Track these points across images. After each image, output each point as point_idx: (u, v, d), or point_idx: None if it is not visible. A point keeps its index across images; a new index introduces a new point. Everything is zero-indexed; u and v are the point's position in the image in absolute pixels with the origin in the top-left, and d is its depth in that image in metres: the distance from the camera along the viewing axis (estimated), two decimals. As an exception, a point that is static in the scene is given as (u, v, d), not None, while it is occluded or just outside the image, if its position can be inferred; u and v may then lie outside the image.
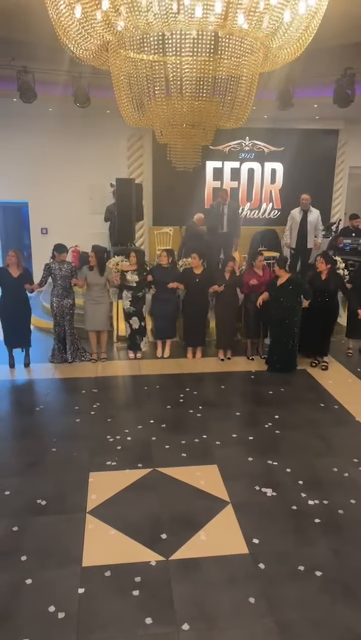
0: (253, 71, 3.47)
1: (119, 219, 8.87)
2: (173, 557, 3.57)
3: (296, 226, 8.96)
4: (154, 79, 3.38)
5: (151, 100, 3.48)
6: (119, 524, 3.90)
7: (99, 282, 7.04)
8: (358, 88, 6.89)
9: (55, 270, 6.97)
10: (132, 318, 7.33)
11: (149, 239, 10.96)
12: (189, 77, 3.26)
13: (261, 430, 5.38)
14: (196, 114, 3.45)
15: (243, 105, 3.58)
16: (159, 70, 3.34)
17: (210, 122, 3.63)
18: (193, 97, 3.33)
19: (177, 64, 3.30)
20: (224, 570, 3.47)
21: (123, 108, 3.79)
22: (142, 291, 7.31)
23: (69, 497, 4.23)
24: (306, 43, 3.29)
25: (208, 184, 10.88)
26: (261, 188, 11.07)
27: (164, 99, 3.40)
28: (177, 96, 3.34)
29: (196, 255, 7.36)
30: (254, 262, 7.26)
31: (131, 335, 7.40)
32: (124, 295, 7.28)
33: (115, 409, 5.88)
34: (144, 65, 3.46)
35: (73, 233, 10.46)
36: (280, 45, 3.24)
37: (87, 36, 3.22)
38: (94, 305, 7.08)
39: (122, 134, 10.52)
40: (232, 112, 3.55)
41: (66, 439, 5.17)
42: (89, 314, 7.14)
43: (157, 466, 4.68)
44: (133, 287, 7.22)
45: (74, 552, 3.62)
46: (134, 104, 3.64)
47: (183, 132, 3.65)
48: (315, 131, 10.73)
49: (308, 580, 3.39)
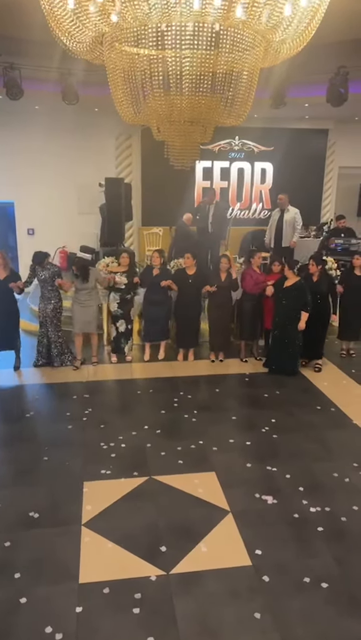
0: (254, 66, 3.35)
1: (108, 219, 8.71)
2: (174, 571, 3.43)
3: (273, 225, 8.97)
4: (152, 74, 3.24)
5: (148, 96, 3.34)
6: (116, 536, 3.75)
7: (85, 285, 6.85)
8: (351, 86, 6.82)
9: (38, 274, 6.76)
10: (119, 321, 7.13)
11: (139, 240, 10.80)
12: (189, 72, 3.13)
13: (258, 435, 5.27)
14: (195, 110, 3.32)
15: (243, 102, 3.46)
16: (157, 65, 3.20)
17: (210, 119, 3.51)
18: (193, 92, 3.20)
19: (177, 58, 3.17)
20: (227, 583, 3.34)
21: (119, 104, 3.65)
22: (130, 293, 7.12)
23: (63, 509, 4.07)
24: (309, 37, 3.18)
25: (198, 183, 10.75)
26: (251, 188, 10.99)
27: (162, 95, 3.27)
28: (176, 92, 3.20)
29: (190, 255, 7.21)
30: (252, 259, 7.14)
31: (116, 338, 7.21)
32: (112, 297, 7.10)
33: (108, 414, 5.72)
34: (141, 60, 3.32)
35: (61, 233, 10.28)
36: (282, 39, 3.13)
37: (82, 27, 3.07)
38: (81, 307, 6.90)
39: (111, 132, 10.35)
40: (232, 109, 3.44)
41: (58, 446, 5.00)
42: (76, 316, 6.95)
43: (154, 474, 4.54)
44: (121, 289, 7.04)
45: (70, 568, 3.46)
46: (130, 99, 3.49)
47: (181, 129, 3.52)
48: (304, 131, 10.68)
49: (314, 593, 3.29)
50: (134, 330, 7.78)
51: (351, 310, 7.37)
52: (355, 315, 7.46)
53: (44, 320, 6.87)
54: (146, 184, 10.61)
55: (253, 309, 7.15)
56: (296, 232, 8.78)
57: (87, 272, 6.81)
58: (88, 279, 6.80)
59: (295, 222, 8.72)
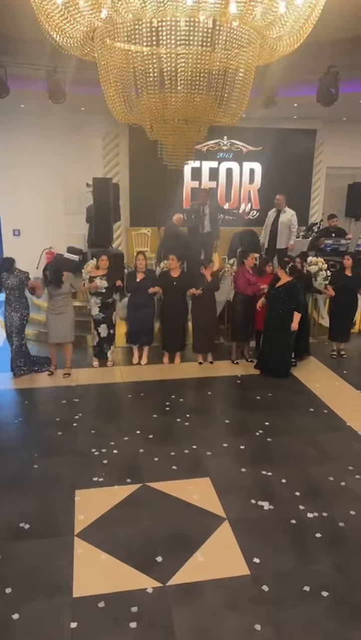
0: (250, 64, 3.27)
1: (96, 220, 8.57)
2: (171, 583, 3.34)
3: (269, 226, 8.95)
4: (146, 71, 3.14)
5: (142, 94, 3.23)
6: (111, 547, 3.65)
7: (61, 291, 6.51)
8: (341, 86, 6.78)
9: (4, 282, 6.41)
10: (100, 325, 6.92)
11: (127, 241, 10.67)
12: (184, 69, 3.03)
13: (252, 438, 5.20)
14: (190, 109, 3.23)
15: (239, 100, 3.38)
16: (151, 62, 3.10)
17: (205, 118, 3.42)
18: (188, 90, 3.11)
19: (171, 55, 3.07)
20: (226, 594, 3.26)
21: (111, 102, 3.54)
22: (112, 297, 6.94)
23: (54, 519, 3.96)
24: (306, 33, 3.11)
25: (186, 183, 10.64)
26: (240, 188, 10.92)
27: (156, 93, 3.17)
28: (171, 89, 3.11)
29: (174, 257, 7.10)
30: (245, 260, 7.07)
31: (98, 343, 7.00)
32: (93, 301, 6.87)
33: (98, 419, 5.61)
34: (134, 57, 3.21)
35: (47, 234, 10.10)
36: (279, 36, 3.05)
37: (73, 22, 2.96)
38: (55, 315, 6.56)
39: (98, 132, 10.19)
40: (228, 107, 3.35)
41: (48, 453, 4.87)
42: (51, 325, 6.62)
43: (147, 481, 4.44)
44: (102, 292, 6.81)
45: (64, 581, 3.35)
46: (123, 97, 3.38)
47: (175, 128, 3.42)
48: (292, 131, 10.64)
49: (315, 602, 3.22)
50: (119, 334, 7.66)
51: (342, 311, 7.35)
52: (346, 316, 7.46)
53: (10, 330, 6.53)
54: (134, 184, 10.47)
55: (244, 311, 7.08)
56: (292, 234, 8.74)
57: (60, 277, 6.47)
58: (61, 284, 6.47)
59: (291, 223, 8.67)
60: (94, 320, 6.97)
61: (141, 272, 7.03)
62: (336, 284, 7.28)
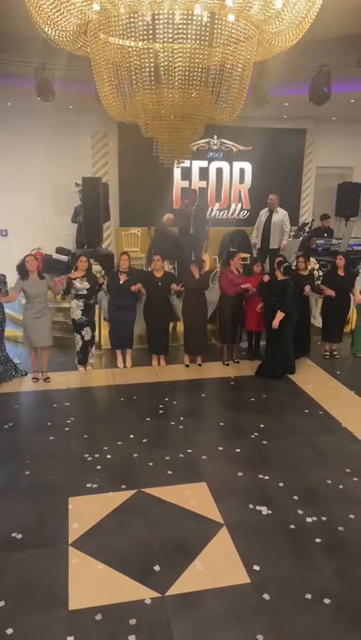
0: (249, 59, 3.19)
1: (85, 220, 8.44)
2: (170, 593, 3.25)
3: (261, 226, 8.91)
4: (142, 67, 3.03)
5: (137, 89, 3.13)
6: (106, 556, 3.54)
7: (40, 291, 6.26)
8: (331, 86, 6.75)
9: None
10: (84, 328, 6.68)
11: (116, 241, 10.55)
12: (181, 65, 2.94)
13: (247, 441, 5.13)
14: (187, 105, 3.14)
15: (237, 97, 3.30)
16: (147, 57, 3.00)
17: (203, 114, 3.33)
18: (185, 86, 3.02)
19: (168, 51, 2.98)
20: (226, 604, 3.18)
21: (105, 98, 3.43)
22: (93, 298, 6.75)
23: (47, 528, 3.84)
24: (305, 29, 3.04)
25: (176, 183, 10.56)
26: (230, 188, 10.86)
27: (153, 88, 3.07)
28: (167, 85, 3.01)
29: (159, 257, 6.99)
30: (232, 260, 6.99)
31: (82, 347, 6.75)
32: (75, 304, 6.63)
33: (91, 423, 5.49)
34: (129, 52, 3.11)
35: (36, 235, 9.90)
36: (278, 31, 2.98)
37: (65, 13, 2.85)
38: (35, 319, 6.27)
39: (87, 131, 10.07)
40: (226, 104, 3.27)
41: (40, 459, 4.74)
42: (29, 330, 6.34)
43: (143, 486, 4.34)
44: (84, 294, 6.59)
45: (59, 593, 3.24)
46: (117, 93, 3.28)
47: (172, 125, 3.33)
48: (283, 130, 10.60)
49: (318, 610, 3.15)
50: (104, 336, 7.54)
51: (335, 311, 7.32)
52: (339, 316, 7.42)
53: None
54: (123, 183, 10.36)
55: (231, 312, 7.01)
56: (284, 235, 8.72)
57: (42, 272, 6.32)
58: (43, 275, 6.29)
59: (283, 223, 8.64)
60: (77, 323, 6.68)
61: (124, 274, 6.82)
62: (329, 283, 7.24)
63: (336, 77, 6.89)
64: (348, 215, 11.21)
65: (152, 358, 7.17)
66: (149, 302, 6.98)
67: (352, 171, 11.77)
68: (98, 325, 7.48)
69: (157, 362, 7.13)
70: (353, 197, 11.37)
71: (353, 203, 11.33)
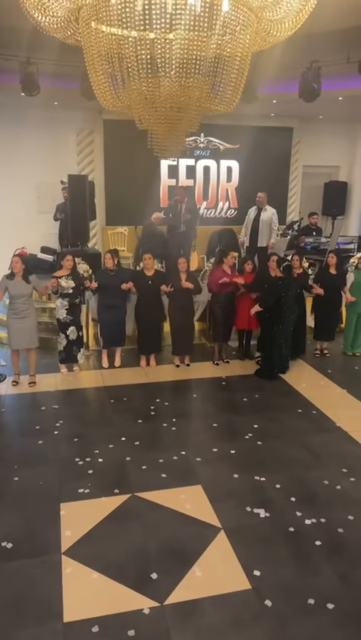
0: (247, 49, 3.09)
1: (72, 218, 8.28)
2: (168, 602, 3.13)
3: (249, 224, 8.86)
4: (135, 56, 2.91)
5: (132, 79, 3.01)
6: (101, 564, 3.41)
7: (23, 292, 6.07)
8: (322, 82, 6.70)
9: None
10: (69, 328, 6.52)
11: (103, 240, 10.39)
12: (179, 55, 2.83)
13: (242, 443, 5.04)
14: (184, 95, 3.02)
15: (235, 87, 3.20)
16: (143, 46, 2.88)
17: (199, 105, 3.22)
18: (181, 76, 2.91)
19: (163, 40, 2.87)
20: (227, 611, 3.08)
21: (98, 87, 3.30)
22: (78, 298, 6.60)
23: (39, 536, 3.69)
24: (305, 17, 2.96)
25: (163, 181, 10.43)
26: (218, 186, 10.77)
27: (149, 77, 2.95)
28: (164, 75, 2.90)
29: (150, 255, 6.87)
30: (225, 259, 6.89)
31: (67, 347, 6.59)
32: (59, 303, 6.47)
33: (81, 426, 5.35)
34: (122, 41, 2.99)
35: (20, 235, 9.69)
36: (278, 19, 2.89)
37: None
38: (18, 320, 6.09)
39: (71, 127, 9.89)
40: (224, 94, 3.16)
41: (29, 464, 4.59)
42: (13, 331, 6.16)
43: (136, 491, 4.22)
44: (69, 293, 6.44)
45: (53, 605, 3.10)
46: (110, 83, 3.15)
47: (167, 116, 3.21)
48: (270, 129, 10.55)
49: (321, 615, 3.06)
50: (90, 337, 7.40)
51: (327, 309, 7.27)
52: (331, 314, 7.38)
53: None
54: (109, 181, 10.20)
55: (223, 311, 6.92)
56: (273, 233, 8.67)
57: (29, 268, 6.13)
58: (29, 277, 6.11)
59: (272, 222, 8.59)
60: (61, 323, 6.52)
61: (110, 271, 6.70)
62: (321, 282, 7.19)
63: (326, 74, 6.83)
64: (335, 214, 11.22)
65: (140, 359, 7.04)
66: (140, 301, 6.86)
67: (338, 170, 11.79)
68: (86, 325, 7.35)
69: (145, 363, 7.01)
70: (340, 196, 11.39)
71: (339, 202, 11.35)
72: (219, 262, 7.04)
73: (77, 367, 6.76)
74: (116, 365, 6.94)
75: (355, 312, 7.32)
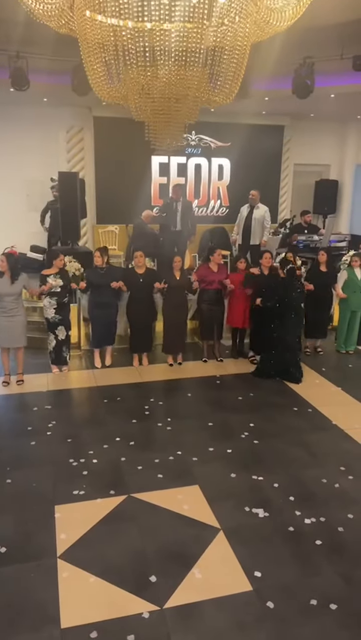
0: (247, 38, 3.02)
1: (62, 216, 8.16)
2: (168, 605, 3.06)
3: (242, 222, 8.82)
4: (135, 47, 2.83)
5: (129, 70, 2.92)
6: (99, 568, 3.33)
7: (10, 292, 5.92)
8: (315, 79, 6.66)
9: None
10: (57, 328, 6.37)
11: (93, 238, 10.28)
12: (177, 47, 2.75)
13: (238, 442, 4.98)
14: (183, 85, 2.95)
15: (234, 78, 3.13)
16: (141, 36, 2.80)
17: (198, 95, 3.15)
18: (180, 66, 2.83)
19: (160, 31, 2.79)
20: (229, 614, 3.01)
21: (93, 77, 3.21)
22: (67, 297, 6.43)
23: (33, 540, 3.60)
24: (305, 6, 2.90)
25: (154, 179, 10.35)
26: (209, 184, 10.71)
27: (147, 67, 2.87)
28: (163, 64, 2.82)
29: (141, 253, 6.78)
30: (212, 257, 6.83)
31: (56, 347, 6.45)
32: (47, 302, 6.31)
33: (74, 427, 5.25)
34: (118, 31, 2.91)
35: (8, 233, 9.54)
36: (279, 7, 2.82)
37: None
38: (7, 319, 5.96)
39: (61, 124, 9.76)
40: (224, 85, 3.09)
41: (22, 466, 4.48)
42: (0, 329, 6.02)
43: (132, 492, 4.14)
44: (57, 292, 6.29)
45: (49, 610, 3.01)
46: (107, 73, 3.06)
47: (166, 106, 3.13)
48: (261, 127, 10.51)
49: (324, 616, 3.01)
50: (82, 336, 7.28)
51: (318, 307, 7.24)
52: (322, 312, 7.35)
53: None
54: (100, 179, 10.09)
55: (210, 308, 6.87)
56: (265, 231, 8.64)
57: (17, 268, 5.95)
58: (17, 277, 5.94)
59: (264, 220, 8.57)
60: (50, 323, 6.37)
61: (100, 269, 6.58)
62: (312, 280, 7.16)
63: (318, 71, 6.80)
64: (326, 212, 11.22)
65: (133, 358, 6.95)
66: (131, 299, 6.77)
67: (329, 168, 11.81)
68: (77, 325, 7.24)
69: (138, 362, 6.91)
70: (330, 194, 11.40)
71: (330, 200, 11.36)
72: (206, 260, 7.00)
73: (66, 368, 6.65)
74: (106, 365, 6.85)
75: (348, 309, 7.31)
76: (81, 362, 7.05)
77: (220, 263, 6.95)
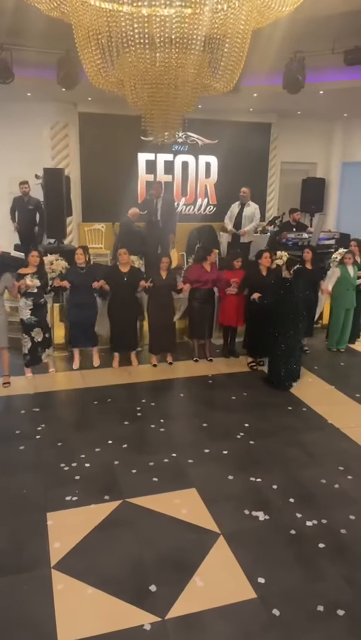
0: (247, 25, 2.90)
1: (47, 214, 7.97)
2: (170, 616, 2.92)
3: (232, 219, 8.77)
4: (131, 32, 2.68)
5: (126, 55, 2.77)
6: (96, 578, 3.18)
7: None
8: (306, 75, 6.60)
9: None
10: (33, 329, 6.12)
11: (79, 237, 10.08)
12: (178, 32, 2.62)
13: (234, 442, 4.86)
14: (181, 71, 2.82)
15: (234, 65, 3.01)
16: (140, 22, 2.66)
17: (197, 82, 3.01)
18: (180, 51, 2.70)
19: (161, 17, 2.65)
20: (234, 623, 2.88)
21: (87, 62, 3.05)
22: (43, 297, 6.19)
23: (26, 549, 3.43)
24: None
25: (141, 177, 10.20)
26: (196, 182, 10.59)
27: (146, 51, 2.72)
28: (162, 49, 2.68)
29: (125, 250, 6.62)
30: (208, 256, 6.71)
31: (31, 349, 6.18)
32: (23, 303, 6.06)
33: (64, 430, 5.07)
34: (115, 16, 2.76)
35: (-8, 231, 9.34)
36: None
37: None
38: None
39: (45, 120, 9.54)
40: (225, 72, 2.97)
41: (10, 472, 4.31)
42: None
43: (127, 496, 3.99)
44: (33, 293, 6.02)
45: (45, 625, 2.85)
46: (103, 57, 2.91)
47: (164, 93, 2.99)
48: (248, 124, 10.43)
49: (332, 622, 2.91)
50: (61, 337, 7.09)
51: (304, 305, 7.14)
52: (308, 310, 7.25)
53: None
54: (85, 176, 9.90)
55: (200, 307, 6.76)
56: (252, 224, 8.58)
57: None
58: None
59: (254, 217, 8.50)
60: (25, 324, 6.10)
61: (80, 268, 6.40)
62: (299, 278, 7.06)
63: (308, 66, 6.73)
64: (313, 210, 11.20)
65: (113, 357, 6.72)
66: (114, 298, 6.58)
67: (316, 167, 11.79)
68: (64, 325, 7.05)
69: (117, 364, 6.68)
70: (317, 192, 11.37)
71: (317, 198, 11.33)
72: (201, 260, 6.86)
73: (53, 369, 6.45)
74: (95, 365, 6.67)
75: (342, 307, 7.24)
76: (69, 363, 6.85)
77: (213, 262, 6.86)
